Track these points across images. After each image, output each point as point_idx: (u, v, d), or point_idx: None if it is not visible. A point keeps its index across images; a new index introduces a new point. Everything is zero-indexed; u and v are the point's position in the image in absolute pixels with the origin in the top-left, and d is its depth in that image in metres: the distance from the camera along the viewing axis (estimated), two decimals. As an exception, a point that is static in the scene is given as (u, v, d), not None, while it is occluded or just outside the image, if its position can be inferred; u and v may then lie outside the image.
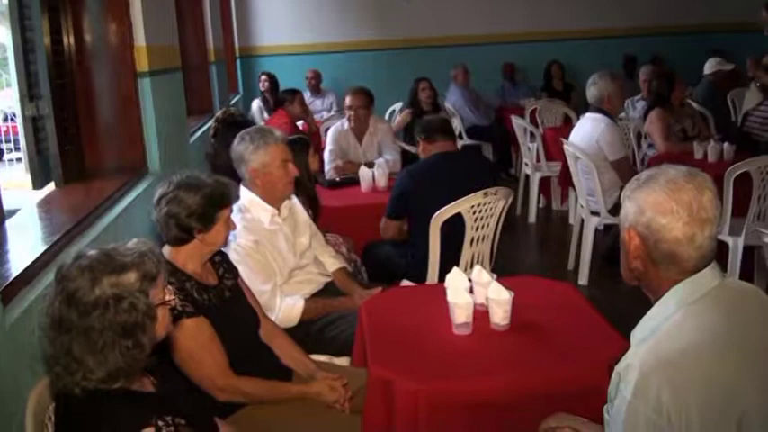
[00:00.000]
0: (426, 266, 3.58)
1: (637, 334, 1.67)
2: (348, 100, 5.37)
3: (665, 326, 1.57)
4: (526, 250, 6.10)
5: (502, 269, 3.63)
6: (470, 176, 3.66)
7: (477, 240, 3.67)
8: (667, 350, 1.51)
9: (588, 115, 5.14)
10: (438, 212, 3.50)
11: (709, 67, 7.31)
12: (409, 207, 3.78)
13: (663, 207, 1.59)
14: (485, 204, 3.58)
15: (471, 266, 3.66)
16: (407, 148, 6.61)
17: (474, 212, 3.56)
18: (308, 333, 3.02)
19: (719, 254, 4.41)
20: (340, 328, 3.04)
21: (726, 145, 5.11)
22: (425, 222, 3.55)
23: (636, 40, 10.10)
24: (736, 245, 4.44)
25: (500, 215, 3.70)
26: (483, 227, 3.65)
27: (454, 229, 3.54)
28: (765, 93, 5.75)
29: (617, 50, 9.85)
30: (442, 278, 2.66)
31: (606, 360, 1.98)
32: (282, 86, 7.67)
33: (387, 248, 3.97)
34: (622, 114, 6.69)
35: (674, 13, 10.38)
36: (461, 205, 3.50)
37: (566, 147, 5.07)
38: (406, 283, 3.66)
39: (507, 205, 3.71)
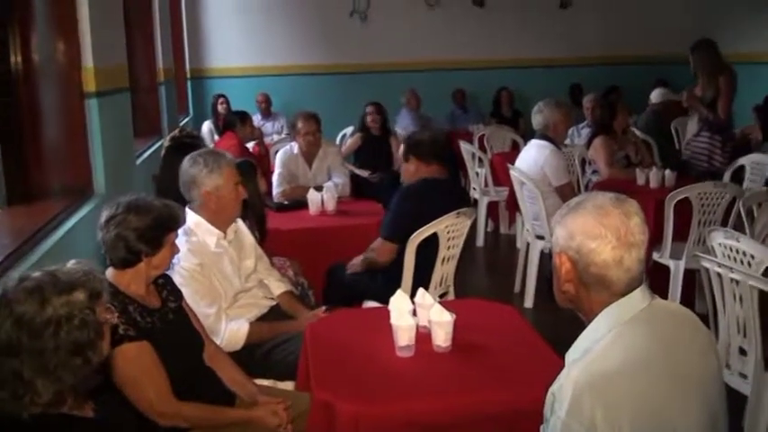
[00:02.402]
0: (394, 287, 3.58)
1: (571, 355, 1.72)
2: (301, 126, 5.35)
3: (597, 347, 1.62)
4: (474, 273, 6.16)
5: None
6: (452, 203, 3.70)
7: (448, 260, 3.74)
8: (599, 370, 1.56)
9: (533, 142, 5.26)
10: (416, 233, 3.54)
11: (657, 96, 7.53)
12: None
13: (591, 232, 1.65)
14: (456, 224, 3.67)
15: (441, 285, 3.78)
16: (357, 171, 6.66)
17: (448, 232, 3.64)
18: (252, 357, 3.01)
19: (663, 277, 4.58)
20: (285, 352, 3.03)
21: (667, 172, 5.26)
22: (401, 246, 3.60)
23: (582, 69, 10.36)
24: (678, 268, 4.59)
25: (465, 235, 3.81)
26: (452, 246, 3.74)
27: (423, 250, 3.59)
28: (703, 122, 5.94)
29: (564, 79, 10.11)
30: (412, 298, 2.70)
31: (545, 382, 2.03)
32: (234, 108, 7.67)
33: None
34: (567, 141, 6.85)
35: (620, 44, 10.67)
36: (438, 225, 3.57)
37: (511, 172, 5.17)
38: (370, 303, 3.65)
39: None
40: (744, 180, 5.58)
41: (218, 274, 3.06)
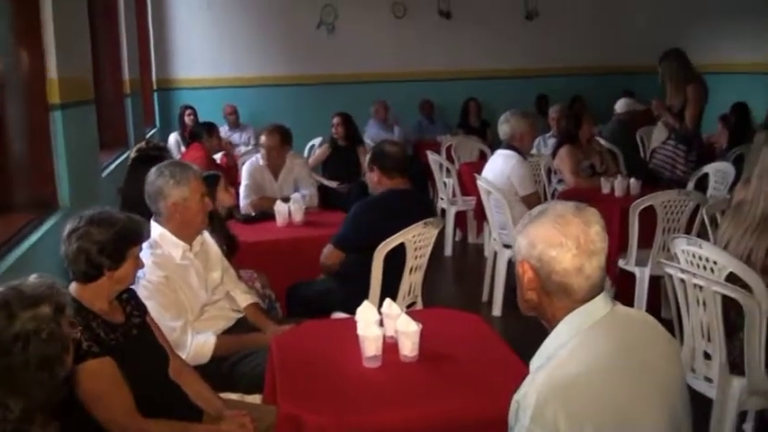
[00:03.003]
0: (361, 298, 3.58)
1: (534, 362, 1.74)
2: (262, 139, 5.38)
3: (559, 354, 1.64)
4: (443, 283, 6.18)
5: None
6: (417, 214, 3.72)
7: (415, 269, 3.76)
8: (562, 377, 1.58)
9: (500, 152, 5.30)
10: (383, 243, 3.55)
11: (622, 106, 7.62)
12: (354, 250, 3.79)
13: (552, 240, 1.67)
14: (423, 234, 3.68)
15: (409, 294, 3.80)
16: (325, 182, 6.66)
17: (415, 242, 3.66)
18: (219, 370, 2.99)
19: (629, 284, 4.64)
20: (252, 365, 3.01)
21: (632, 180, 5.33)
22: (367, 255, 3.59)
23: (549, 80, 10.45)
24: (643, 275, 4.66)
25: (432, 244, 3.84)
26: (420, 256, 3.76)
27: (390, 260, 3.60)
28: (671, 131, 6.02)
29: (531, 89, 10.19)
30: (380, 308, 2.70)
31: (511, 390, 2.04)
32: (201, 120, 7.63)
33: (319, 285, 3.97)
34: (534, 151, 6.91)
35: (585, 54, 10.81)
36: (405, 235, 3.58)
37: (478, 182, 5.20)
38: (338, 315, 3.64)
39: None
40: (708, 188, 5.67)
41: (184, 286, 3.04)
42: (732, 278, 2.94)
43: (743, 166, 4.55)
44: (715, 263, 3.03)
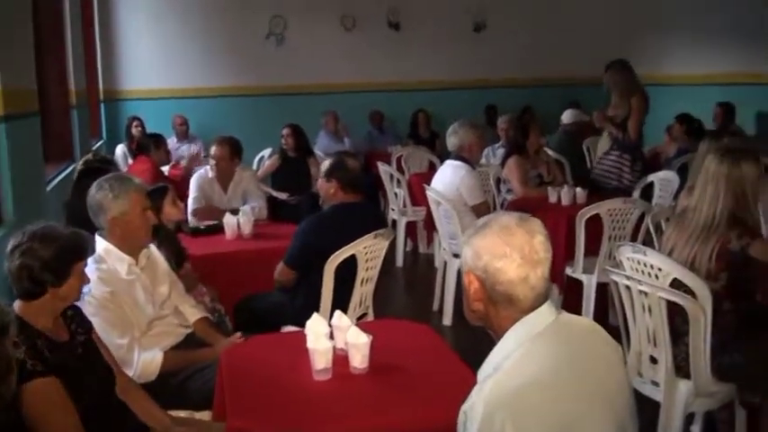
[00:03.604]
0: (312, 311, 3.55)
1: (482, 372, 1.75)
2: (212, 150, 5.35)
3: (506, 363, 1.66)
4: (394, 293, 6.20)
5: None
6: (367, 226, 3.71)
7: (366, 281, 3.76)
8: (509, 386, 1.59)
9: (449, 162, 5.35)
10: (333, 255, 3.54)
11: (568, 117, 7.75)
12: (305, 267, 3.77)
13: (497, 251, 1.69)
14: (373, 245, 3.69)
15: (360, 306, 3.79)
16: (275, 194, 6.62)
17: (366, 253, 3.66)
18: (167, 387, 2.93)
19: (577, 291, 4.71)
20: (201, 381, 2.96)
21: (578, 189, 5.41)
22: (318, 268, 3.58)
23: (497, 91, 10.58)
24: (590, 283, 4.74)
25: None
26: (371, 267, 3.76)
27: (341, 272, 3.59)
28: (613, 141, 6.13)
29: (480, 100, 10.31)
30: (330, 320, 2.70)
31: (460, 400, 2.05)
32: (149, 131, 7.53)
33: (270, 298, 3.94)
34: (483, 161, 6.99)
35: (533, 66, 10.95)
36: (355, 247, 3.58)
37: (428, 192, 5.24)
38: (288, 328, 3.61)
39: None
40: (653, 196, 5.79)
41: (131, 301, 2.98)
42: (676, 284, 3.01)
43: (687, 175, 4.66)
44: (659, 269, 3.10)
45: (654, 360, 3.19)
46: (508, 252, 1.68)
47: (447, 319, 5.17)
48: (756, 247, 2.98)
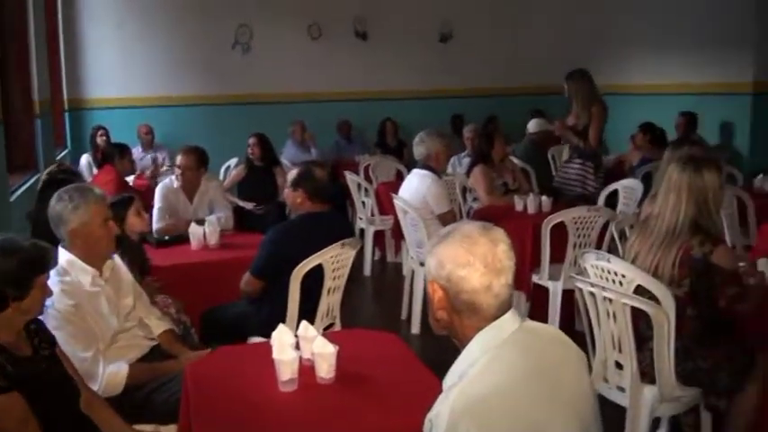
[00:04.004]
0: (279, 322, 3.53)
1: (447, 381, 1.75)
2: (178, 159, 5.28)
3: (471, 371, 1.66)
4: (363, 302, 6.20)
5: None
6: (334, 235, 3.70)
7: (333, 290, 3.75)
8: (474, 394, 1.60)
9: (415, 171, 5.38)
10: (300, 265, 3.52)
11: (534, 126, 7.83)
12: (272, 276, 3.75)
13: (460, 260, 1.70)
14: (340, 255, 3.68)
15: (327, 315, 3.77)
16: (241, 204, 6.59)
17: (333, 263, 3.65)
18: (133, 400, 2.90)
19: (544, 298, 4.75)
20: (167, 394, 2.92)
21: (544, 198, 5.46)
22: (285, 278, 3.55)
23: (463, 100, 10.64)
24: (556, 290, 4.78)
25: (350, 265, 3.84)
26: (338, 277, 3.75)
27: (308, 282, 3.57)
28: (574, 150, 6.20)
29: (446, 109, 10.36)
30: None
31: (426, 408, 2.05)
32: (114, 141, 7.43)
33: (235, 309, 3.91)
34: (450, 170, 7.02)
35: (499, 76, 11.05)
36: (322, 257, 3.56)
37: (395, 201, 5.25)
38: (255, 339, 3.59)
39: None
40: (617, 204, 5.86)
41: (95, 314, 2.94)
42: (640, 290, 3.05)
43: (651, 183, 4.72)
44: (623, 276, 3.13)
45: (619, 366, 3.22)
46: (471, 261, 1.69)
47: (415, 328, 5.18)
48: (718, 254, 3.03)
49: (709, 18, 8.58)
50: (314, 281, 3.61)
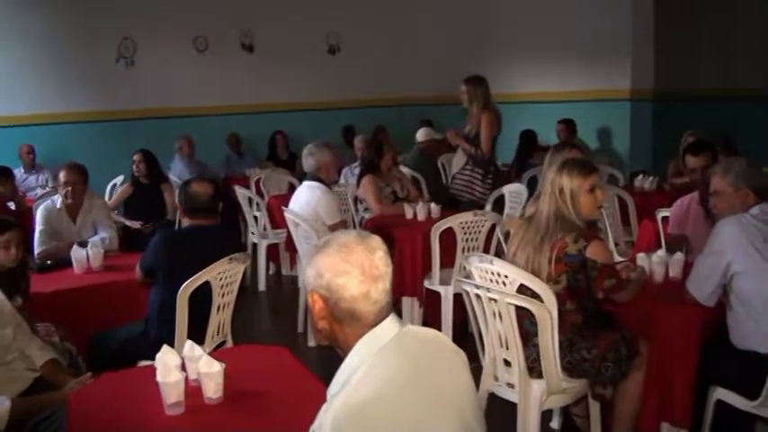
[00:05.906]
0: (169, 343, 3.45)
1: (331, 390, 1.76)
2: (63, 176, 5.01)
3: (353, 378, 1.67)
4: (258, 318, 6.14)
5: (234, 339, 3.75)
6: (221, 250, 3.65)
7: (223, 307, 3.68)
8: (356, 401, 1.61)
9: (306, 183, 5.39)
10: (186, 283, 3.43)
11: (422, 135, 7.97)
12: (155, 276, 3.70)
13: (338, 269, 1.72)
14: (228, 270, 3.62)
15: (218, 334, 3.70)
16: (128, 223, 6.39)
17: (220, 279, 3.59)
18: (18, 435, 2.78)
19: (438, 303, 4.81)
20: (53, 426, 2.82)
21: (433, 205, 5.56)
22: (170, 298, 3.47)
23: (354, 111, 10.73)
24: (447, 294, 4.87)
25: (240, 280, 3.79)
26: (227, 293, 3.69)
27: (196, 300, 3.50)
28: (468, 157, 6.32)
29: (337, 121, 10.43)
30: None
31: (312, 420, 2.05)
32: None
33: (123, 332, 3.79)
34: (342, 180, 7.05)
35: (388, 86, 11.23)
36: (209, 273, 3.49)
37: (286, 214, 5.23)
38: (144, 363, 3.39)
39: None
40: (505, 208, 6.03)
41: (-30, 348, 2.81)
42: (523, 289, 3.15)
43: (535, 186, 4.87)
44: (506, 276, 3.23)
45: (507, 363, 3.32)
46: (349, 269, 1.71)
47: (312, 341, 5.17)
48: (592, 249, 3.16)
49: (588, 29, 8.99)
50: (203, 298, 3.54)
